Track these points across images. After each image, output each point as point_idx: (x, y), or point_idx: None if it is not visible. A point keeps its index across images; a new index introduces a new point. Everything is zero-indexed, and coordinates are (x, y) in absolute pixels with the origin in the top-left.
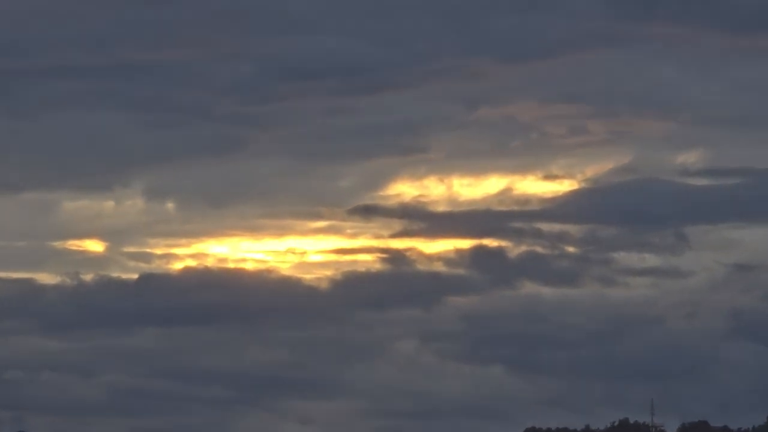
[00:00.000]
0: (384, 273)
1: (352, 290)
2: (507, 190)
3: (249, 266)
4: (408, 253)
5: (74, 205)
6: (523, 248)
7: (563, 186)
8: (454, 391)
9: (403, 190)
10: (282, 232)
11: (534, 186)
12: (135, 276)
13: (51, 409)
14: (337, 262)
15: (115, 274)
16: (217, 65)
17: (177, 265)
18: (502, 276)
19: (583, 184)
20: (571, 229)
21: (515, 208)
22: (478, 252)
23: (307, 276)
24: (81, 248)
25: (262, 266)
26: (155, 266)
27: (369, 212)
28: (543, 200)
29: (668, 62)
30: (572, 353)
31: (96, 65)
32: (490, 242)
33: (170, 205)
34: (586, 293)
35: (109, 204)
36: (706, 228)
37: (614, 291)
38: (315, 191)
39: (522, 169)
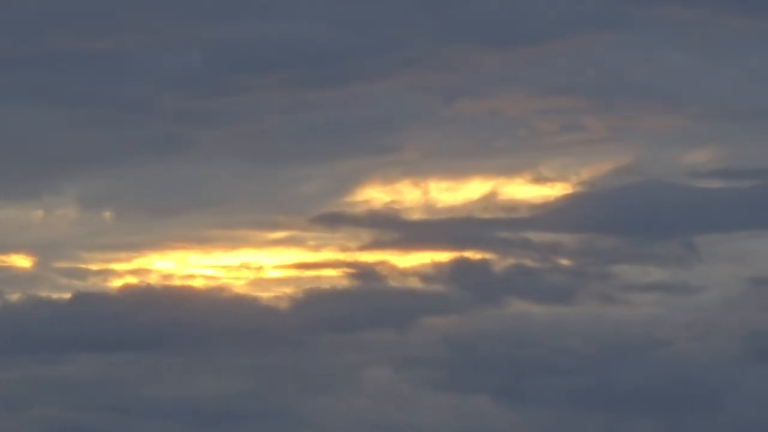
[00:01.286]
0: (352, 290)
1: (316, 310)
2: (491, 195)
3: (198, 283)
4: (379, 268)
5: None
6: (510, 261)
7: (555, 190)
8: (432, 424)
9: (373, 195)
10: (235, 244)
11: (522, 190)
12: (68, 295)
13: None
14: (298, 279)
15: (44, 294)
16: (161, 55)
17: (116, 283)
18: (487, 293)
19: (578, 188)
20: (565, 239)
21: (501, 215)
22: (459, 266)
23: (264, 294)
24: (5, 264)
25: (212, 283)
26: (91, 284)
27: (334, 221)
28: (532, 206)
29: (676, 48)
30: (567, 381)
31: (21, 56)
32: (473, 254)
33: (107, 215)
34: (583, 312)
35: (38, 213)
36: (718, 237)
37: (614, 309)
38: (273, 198)
39: (508, 170)
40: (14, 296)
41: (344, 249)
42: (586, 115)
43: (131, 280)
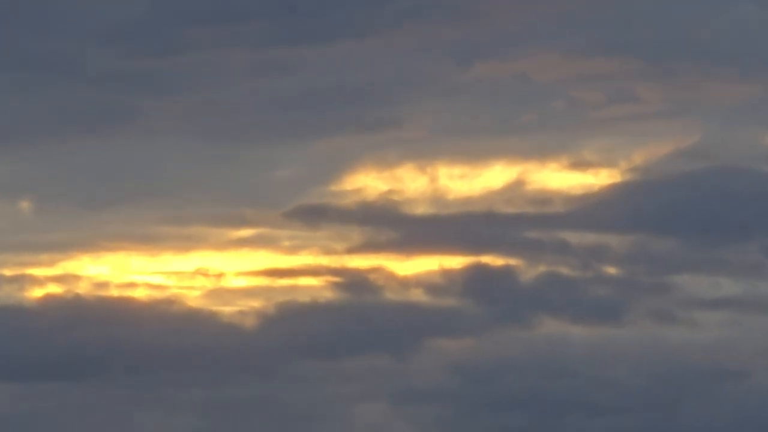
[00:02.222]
0: (338, 305)
1: (291, 330)
2: (517, 185)
3: (141, 294)
4: (373, 276)
5: None
6: (541, 269)
7: (599, 178)
8: None
9: (366, 183)
10: (189, 244)
11: (557, 178)
12: None
13: None
14: (270, 290)
15: None
16: (93, 4)
17: (35, 293)
18: (510, 309)
19: (628, 176)
20: (612, 241)
21: (529, 210)
22: (475, 274)
23: (226, 309)
24: None
25: (160, 294)
26: (4, 294)
27: (316, 216)
28: (570, 199)
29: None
30: (613, 421)
31: None
32: (493, 260)
33: (25, 205)
34: (634, 335)
35: None
36: None
37: (674, 331)
38: (237, 186)
39: (539, 153)
40: None
41: (328, 252)
42: (638, 83)
43: (55, 289)
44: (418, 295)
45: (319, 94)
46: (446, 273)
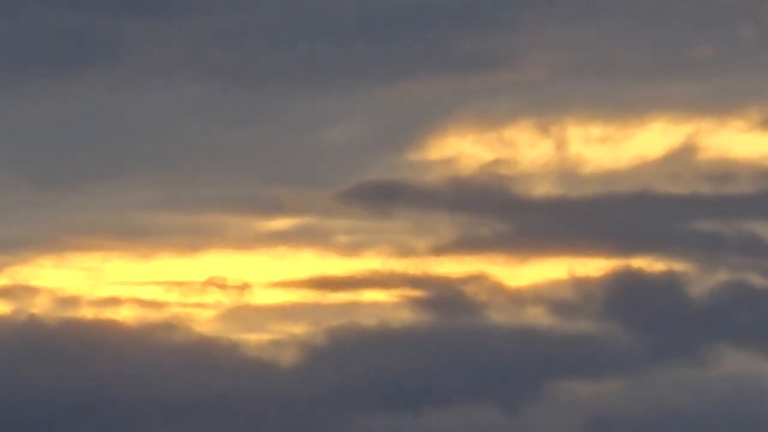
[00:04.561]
0: (420, 331)
1: (350, 368)
2: (686, 152)
3: (127, 315)
4: (471, 288)
5: None
6: (722, 277)
7: None
8: None
9: (462, 149)
10: (198, 240)
11: (744, 143)
12: None
13: None
14: (319, 309)
15: None
16: None
17: None
18: (677, 338)
19: None
20: None
21: (705, 189)
22: (624, 285)
23: (253, 337)
24: None
25: (155, 316)
26: None
27: (387, 199)
28: (764, 173)
29: None
30: None
31: None
32: (650, 264)
33: None
34: None
35: None
36: None
37: None
38: (269, 153)
39: (718, 104)
40: None
41: (405, 252)
42: None
43: None
44: (538, 317)
45: (391, 14)
46: (580, 284)
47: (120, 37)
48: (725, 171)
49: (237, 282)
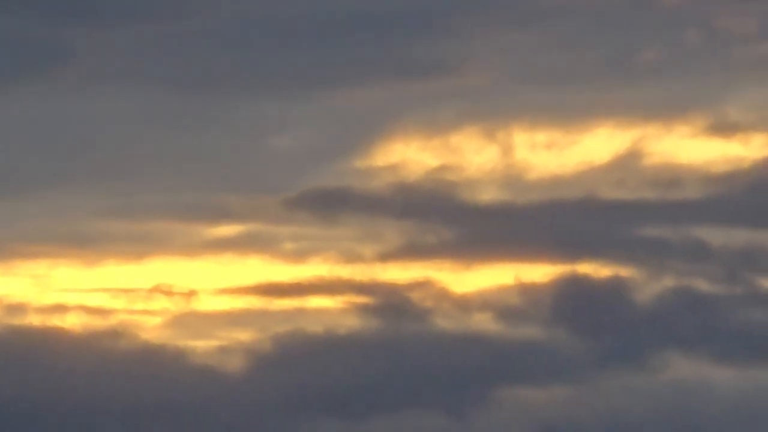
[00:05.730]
0: (365, 338)
1: (297, 375)
2: (632, 157)
3: (73, 323)
4: (417, 295)
5: None
6: (669, 283)
7: (752, 148)
8: None
9: (408, 156)
10: (144, 248)
11: (690, 148)
12: None
13: None
14: (265, 315)
15: None
16: None
17: None
18: (622, 344)
19: None
20: None
21: (649, 194)
22: (569, 291)
23: (200, 344)
24: None
25: (101, 323)
26: None
27: (333, 205)
28: (709, 179)
29: None
30: None
31: None
32: (595, 270)
33: None
34: None
35: None
36: None
37: None
38: (216, 160)
39: (664, 111)
40: None
41: (351, 258)
42: None
43: None
44: (484, 323)
45: (339, 23)
46: (526, 290)
47: (67, 44)
48: (671, 177)
49: (183, 289)
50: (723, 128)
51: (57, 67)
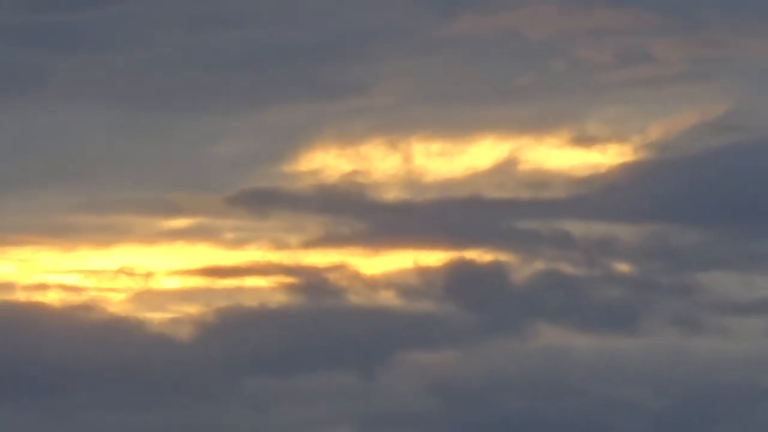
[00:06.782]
0: (291, 311)
1: (235, 341)
2: (509, 164)
3: (51, 299)
4: (334, 276)
5: None
6: (539, 266)
7: (608, 156)
8: None
9: (326, 162)
10: (110, 237)
11: (557, 156)
12: None
13: None
14: (209, 292)
15: None
16: None
17: None
18: (501, 315)
19: (642, 154)
20: (624, 232)
21: (524, 194)
22: (459, 272)
23: (156, 316)
24: None
25: (74, 299)
26: None
27: (265, 202)
28: (573, 181)
29: None
30: None
31: None
32: (480, 255)
33: None
34: (651, 346)
35: None
36: None
37: (701, 341)
38: (169, 164)
39: (535, 125)
40: None
41: (280, 246)
42: (655, 40)
43: None
44: (388, 299)
45: (268, 53)
46: (423, 272)
47: (43, 68)
48: (542, 180)
49: (143, 271)
50: (584, 140)
51: (38, 87)
